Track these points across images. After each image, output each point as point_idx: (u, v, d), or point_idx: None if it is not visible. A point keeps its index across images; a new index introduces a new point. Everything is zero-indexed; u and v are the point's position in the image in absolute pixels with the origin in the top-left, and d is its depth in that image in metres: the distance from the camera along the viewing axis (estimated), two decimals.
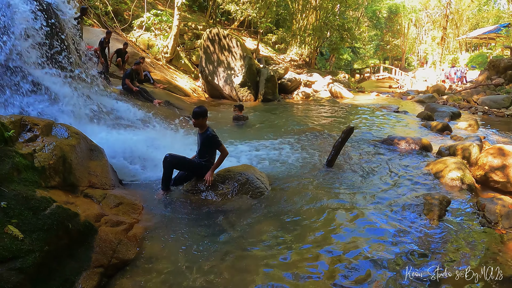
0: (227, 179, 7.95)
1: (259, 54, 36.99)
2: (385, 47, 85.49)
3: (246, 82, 24.51)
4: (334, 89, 29.53)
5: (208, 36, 25.34)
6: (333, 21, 42.17)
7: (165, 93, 19.09)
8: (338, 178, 9.22)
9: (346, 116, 19.92)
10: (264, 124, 16.77)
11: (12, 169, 5.23)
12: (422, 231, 6.64)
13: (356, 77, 53.83)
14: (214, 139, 7.84)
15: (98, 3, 28.62)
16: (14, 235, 4.62)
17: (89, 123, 10.73)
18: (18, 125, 6.33)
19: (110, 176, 7.39)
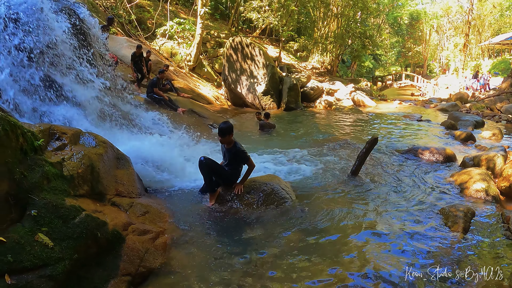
0: (252, 189, 7.97)
1: (281, 62, 37.03)
2: (407, 54, 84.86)
3: (269, 91, 24.54)
4: (356, 97, 29.43)
5: (231, 45, 25.45)
6: (354, 28, 42.10)
7: (188, 101, 19.17)
8: (362, 189, 9.18)
9: (369, 126, 19.82)
10: (288, 133, 16.77)
11: (42, 178, 5.32)
12: (446, 243, 6.55)
13: (378, 85, 53.60)
14: (243, 155, 7.89)
15: (121, 12, 28.89)
16: (44, 243, 4.71)
17: (114, 131, 10.86)
18: (47, 133, 6.43)
19: (137, 184, 7.46)
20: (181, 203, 7.82)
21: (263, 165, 10.94)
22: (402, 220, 7.46)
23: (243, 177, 8.05)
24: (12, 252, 4.43)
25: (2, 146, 4.89)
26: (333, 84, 31.02)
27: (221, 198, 7.87)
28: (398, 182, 9.85)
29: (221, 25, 40.78)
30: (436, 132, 18.14)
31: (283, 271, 5.57)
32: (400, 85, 56.18)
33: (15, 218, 4.88)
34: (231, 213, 7.48)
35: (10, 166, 4.99)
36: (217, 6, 42.50)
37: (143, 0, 32.61)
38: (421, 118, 21.96)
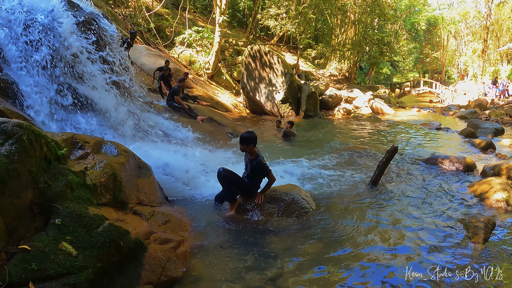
0: (273, 199, 7.97)
1: (299, 70, 37.08)
2: (425, 60, 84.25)
3: (287, 99, 24.57)
4: (375, 105, 29.34)
5: (250, 53, 25.54)
6: (372, 35, 42.00)
7: (207, 109, 19.24)
8: (382, 199, 9.13)
9: (388, 134, 19.72)
10: (307, 141, 16.74)
11: (65, 187, 5.38)
12: (467, 255, 6.48)
13: (397, 92, 53.29)
14: (263, 168, 7.85)
15: (140, 20, 29.12)
16: (68, 252, 4.76)
17: (135, 139, 10.93)
18: (69, 142, 6.50)
19: (158, 193, 7.50)
20: (201, 212, 7.84)
21: (282, 173, 10.95)
22: (422, 231, 7.38)
23: (264, 188, 8.05)
24: (36, 260, 4.49)
25: (27, 155, 4.96)
26: (351, 92, 30.96)
27: (242, 208, 7.89)
28: (418, 192, 9.77)
29: (239, 33, 40.92)
30: (456, 140, 18.01)
31: (303, 284, 5.55)
32: (418, 92, 55.77)
33: (39, 226, 4.94)
34: (252, 222, 7.49)
35: (35, 175, 5.05)
36: (235, 14, 42.67)
37: (162, 9, 32.82)
38: (440, 126, 21.80)
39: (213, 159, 11.57)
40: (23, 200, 4.82)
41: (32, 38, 10.11)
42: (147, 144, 11.13)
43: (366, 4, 38.51)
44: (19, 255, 4.47)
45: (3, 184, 4.55)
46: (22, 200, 4.81)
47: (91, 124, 10.14)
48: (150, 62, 23.90)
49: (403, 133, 20.15)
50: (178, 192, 8.83)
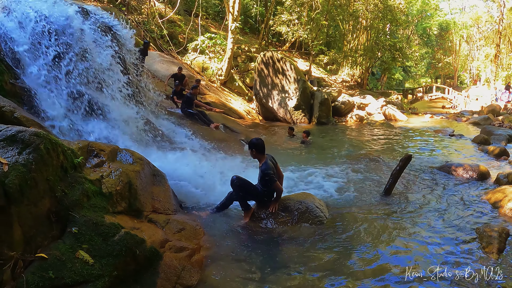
0: (287, 208, 7.96)
1: (311, 76, 37.08)
2: (437, 65, 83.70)
3: (300, 105, 24.57)
4: (387, 111, 29.22)
5: (262, 60, 25.59)
6: (384, 41, 41.92)
7: (220, 116, 19.27)
8: (395, 208, 9.07)
9: (401, 141, 19.59)
10: (320, 149, 16.71)
11: (82, 195, 5.42)
12: (481, 265, 6.45)
13: (409, 98, 53.11)
14: (266, 177, 7.74)
15: (153, 27, 29.27)
16: (85, 260, 4.80)
17: (150, 146, 10.98)
18: (85, 150, 6.55)
19: (172, 201, 7.53)
20: (215, 220, 7.85)
21: (296, 181, 10.97)
22: (435, 241, 7.31)
23: (276, 197, 8.03)
24: (53, 269, 4.53)
25: (44, 164, 5.00)
26: (364, 98, 30.87)
27: (256, 216, 7.89)
28: (431, 201, 9.69)
29: (251, 39, 41.02)
30: (469, 147, 17.89)
31: None
32: (430, 97, 55.50)
33: (56, 235, 4.98)
34: (266, 231, 7.49)
35: (52, 184, 5.09)
36: (247, 20, 42.80)
37: (174, 15, 32.96)
38: (453, 133, 21.64)
39: (226, 166, 11.58)
40: (40, 208, 4.86)
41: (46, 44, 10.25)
42: (161, 151, 11.18)
43: (378, 9, 38.44)
44: (37, 263, 4.52)
45: (21, 193, 4.59)
46: (40, 208, 4.86)
47: (105, 131, 10.21)
48: (163, 69, 24.02)
49: (416, 140, 20.01)
50: (192, 199, 8.85)
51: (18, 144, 4.93)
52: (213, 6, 42.00)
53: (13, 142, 4.94)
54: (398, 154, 14.80)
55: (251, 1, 44.18)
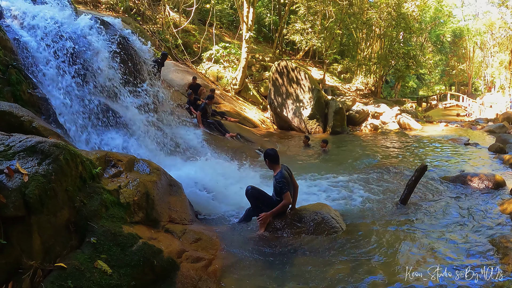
0: (303, 218, 7.94)
1: (325, 84, 37.09)
2: (451, 73, 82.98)
3: (315, 115, 24.58)
4: (402, 120, 29.08)
5: (277, 69, 25.65)
6: (398, 49, 41.81)
7: (235, 125, 19.32)
8: (411, 218, 9.02)
9: (416, 150, 19.46)
10: (335, 158, 16.68)
11: (100, 206, 5.48)
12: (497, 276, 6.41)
13: (423, 106, 52.93)
14: (277, 187, 7.84)
15: (168, 37, 29.46)
16: (103, 270, 4.84)
17: (165, 156, 11.04)
18: (103, 160, 6.63)
19: (189, 211, 7.58)
20: (231, 229, 7.90)
21: (311, 190, 10.98)
22: (451, 252, 7.22)
23: (276, 208, 7.91)
24: (72, 278, 4.57)
25: (63, 174, 5.06)
26: (378, 107, 30.76)
27: (271, 226, 7.88)
28: (447, 211, 9.62)
29: (265, 48, 41.13)
30: (484, 156, 17.71)
31: None
32: (445, 105, 55.31)
33: (75, 244, 5.04)
34: (281, 241, 7.46)
35: (71, 194, 5.15)
36: (261, 29, 42.97)
37: (189, 25, 33.12)
38: (468, 142, 21.43)
39: (241, 175, 11.61)
40: (59, 218, 4.93)
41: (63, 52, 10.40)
42: (176, 160, 11.25)
43: (391, 17, 38.40)
44: (56, 272, 4.56)
45: (41, 203, 4.66)
46: (59, 218, 4.92)
47: (121, 141, 10.30)
48: (178, 78, 24.15)
49: (431, 149, 19.88)
50: (208, 208, 8.92)
51: (38, 154, 5.00)
52: (227, 15, 42.21)
53: (33, 153, 5.01)
54: (413, 164, 14.69)
55: (265, 10, 44.38)
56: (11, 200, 4.48)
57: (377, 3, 38.49)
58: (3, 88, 8.45)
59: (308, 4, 35.00)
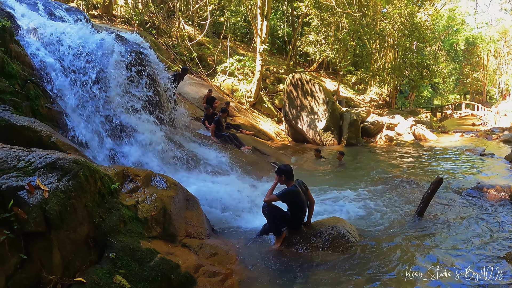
0: (319, 233, 7.97)
1: (339, 96, 37.06)
2: (465, 81, 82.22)
3: (329, 127, 24.55)
4: (417, 131, 28.90)
5: (291, 81, 25.69)
6: (411, 58, 41.67)
7: (250, 138, 19.30)
8: (427, 232, 8.96)
9: (431, 162, 19.37)
10: (350, 171, 16.64)
11: (119, 221, 5.56)
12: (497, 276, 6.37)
13: (438, 116, 52.64)
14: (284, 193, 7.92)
15: (183, 50, 29.64)
16: (122, 285, 4.90)
17: (181, 170, 11.10)
18: (121, 176, 6.72)
19: (205, 225, 7.64)
20: (247, 244, 7.93)
21: (327, 204, 10.99)
22: (467, 265, 7.16)
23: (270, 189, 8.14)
24: None
25: (83, 191, 5.14)
26: (392, 118, 30.64)
27: (287, 241, 7.91)
28: (462, 224, 9.53)
29: (279, 60, 41.22)
30: (501, 167, 17.54)
31: None
32: (460, 115, 54.87)
33: (94, 259, 5.12)
34: (297, 256, 7.48)
35: (90, 210, 5.24)
36: (274, 41, 43.08)
37: (203, 38, 33.28)
38: (484, 152, 21.19)
39: (257, 189, 11.64)
40: (79, 234, 5.01)
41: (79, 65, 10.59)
42: (191, 174, 11.30)
43: (404, 27, 38.26)
44: (75, 287, 4.63)
45: (60, 219, 4.74)
46: (78, 234, 5.00)
47: (138, 155, 10.40)
48: (193, 91, 24.29)
49: (447, 160, 19.72)
50: (223, 223, 8.95)
51: (58, 171, 5.09)
52: (240, 28, 42.41)
53: (53, 169, 5.10)
54: (429, 176, 14.62)
55: (278, 22, 44.52)
56: (32, 216, 4.57)
57: (390, 14, 38.43)
58: (21, 103, 8.61)
59: (321, 16, 35.06)
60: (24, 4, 13.06)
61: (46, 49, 10.85)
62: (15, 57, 9.44)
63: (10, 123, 7.02)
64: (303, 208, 8.05)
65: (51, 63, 10.37)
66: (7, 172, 4.98)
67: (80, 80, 10.59)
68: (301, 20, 36.66)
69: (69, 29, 11.77)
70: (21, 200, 4.65)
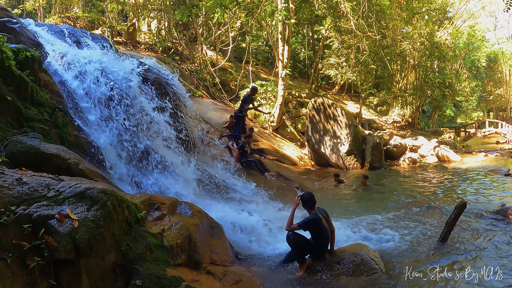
0: (342, 260, 7.99)
1: (362, 118, 37.02)
2: (488, 98, 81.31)
3: (352, 150, 24.47)
4: (440, 152, 28.64)
5: (313, 106, 25.76)
6: (433, 78, 41.46)
7: (274, 163, 19.26)
8: (451, 257, 8.84)
9: (455, 184, 19.06)
10: (373, 195, 16.58)
11: (145, 249, 5.71)
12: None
13: (462, 135, 52.21)
14: (305, 221, 8.03)
15: (206, 75, 29.94)
16: None
17: (206, 197, 11.23)
18: (147, 204, 6.89)
19: (229, 252, 7.74)
20: (271, 271, 7.97)
21: (350, 230, 10.95)
22: None
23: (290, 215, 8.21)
24: None
25: (111, 220, 5.32)
26: (415, 140, 30.44)
27: (311, 268, 7.93)
28: (487, 249, 9.36)
29: (301, 83, 41.38)
30: None
31: None
32: (484, 133, 54.18)
33: (121, 286, 5.28)
34: (320, 283, 7.49)
35: (117, 238, 5.40)
36: (296, 64, 43.26)
37: (225, 63, 33.54)
38: (508, 172, 20.80)
39: (281, 216, 11.64)
40: (107, 262, 5.17)
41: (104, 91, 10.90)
42: (216, 201, 11.41)
43: (424, 47, 38.11)
44: None
45: (89, 247, 4.91)
46: (106, 262, 5.17)
47: (163, 182, 10.57)
48: (217, 116, 24.45)
49: (471, 182, 19.41)
50: (247, 249, 9.03)
51: (87, 200, 5.28)
52: (262, 52, 42.73)
53: (82, 199, 5.30)
54: (453, 199, 14.44)
55: (299, 46, 44.76)
56: (62, 244, 4.75)
57: (410, 34, 38.41)
58: (50, 130, 8.87)
59: (341, 38, 35.26)
60: (51, 32, 13.47)
61: (72, 77, 11.17)
62: (43, 86, 9.73)
63: (39, 151, 7.27)
64: (326, 235, 8.09)
65: (77, 91, 10.69)
66: (38, 201, 5.17)
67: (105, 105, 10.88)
68: (321, 43, 36.83)
69: (95, 56, 12.08)
70: (51, 229, 4.84)
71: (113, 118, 10.90)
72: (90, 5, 37.82)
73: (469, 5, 47.75)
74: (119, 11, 34.95)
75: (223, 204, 11.23)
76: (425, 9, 37.18)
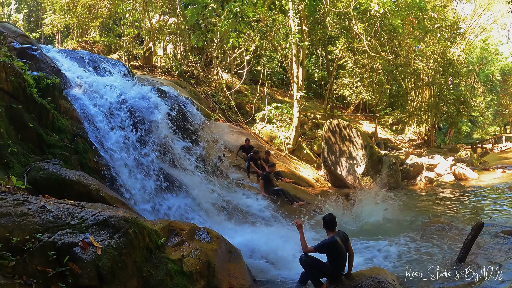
0: (359, 284, 7.93)
1: (377, 137, 36.99)
2: (504, 112, 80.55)
3: (368, 171, 24.38)
4: (457, 170, 28.44)
5: (329, 128, 25.85)
6: (447, 95, 41.36)
7: (291, 186, 19.35)
8: (469, 279, 8.60)
9: (472, 203, 18.95)
10: (390, 216, 16.50)
11: (166, 275, 5.86)
12: None
13: (478, 151, 51.87)
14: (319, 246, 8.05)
15: (222, 98, 30.20)
16: None
17: (224, 222, 11.34)
18: (166, 230, 7.05)
19: (247, 277, 7.84)
20: None
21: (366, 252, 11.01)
22: None
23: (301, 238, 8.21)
24: None
25: (133, 247, 5.49)
26: (432, 159, 30.27)
27: None
28: (505, 271, 8.94)
29: (316, 104, 41.51)
30: None
31: None
32: (501, 148, 53.72)
33: None
34: None
35: (139, 265, 5.56)
36: (310, 85, 43.43)
37: (241, 85, 33.76)
38: None
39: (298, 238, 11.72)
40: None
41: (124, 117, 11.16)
42: (235, 225, 11.51)
43: (438, 64, 38.03)
44: None
45: (112, 274, 5.08)
46: None
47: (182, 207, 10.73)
48: (233, 140, 24.60)
49: (488, 200, 19.32)
50: (265, 273, 9.09)
51: (109, 228, 5.47)
52: (277, 73, 43.05)
53: (105, 227, 5.48)
54: (470, 219, 14.41)
55: (314, 67, 44.99)
56: (86, 271, 4.93)
57: (423, 52, 38.41)
58: (71, 157, 9.12)
59: (355, 58, 35.45)
60: (71, 59, 13.77)
61: (92, 102, 11.45)
62: (64, 112, 10.01)
63: (61, 177, 7.51)
64: (342, 259, 8.09)
65: (97, 117, 10.95)
66: (62, 229, 5.37)
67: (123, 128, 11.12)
68: (335, 63, 37.07)
69: (115, 83, 12.35)
70: (75, 256, 5.03)
71: (133, 144, 11.13)
72: (107, 30, 38.42)
73: (481, 19, 47.45)
74: (135, 35, 35.41)
75: (242, 228, 11.32)
76: (437, 26, 37.10)
